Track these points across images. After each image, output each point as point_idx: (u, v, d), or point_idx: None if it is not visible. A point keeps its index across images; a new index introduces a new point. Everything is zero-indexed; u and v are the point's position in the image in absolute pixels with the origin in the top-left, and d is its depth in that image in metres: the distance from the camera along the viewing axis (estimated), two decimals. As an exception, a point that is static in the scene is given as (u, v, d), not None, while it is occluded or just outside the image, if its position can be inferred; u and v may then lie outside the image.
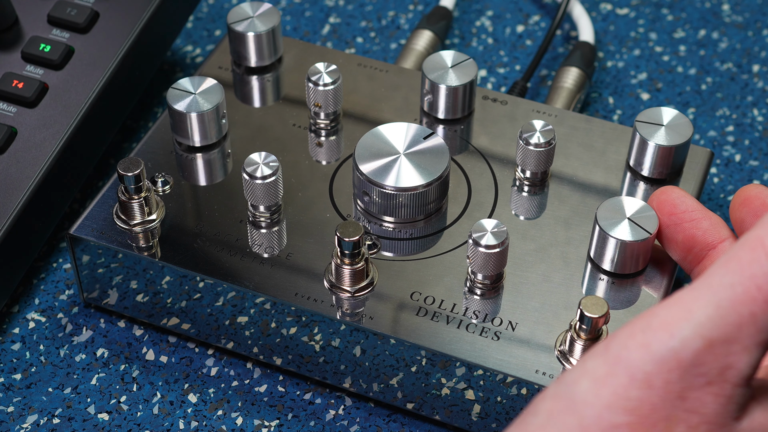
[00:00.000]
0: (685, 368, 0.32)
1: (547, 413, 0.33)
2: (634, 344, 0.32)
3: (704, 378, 0.32)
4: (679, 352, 0.32)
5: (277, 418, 0.49)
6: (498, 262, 0.47)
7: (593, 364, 0.33)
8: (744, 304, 0.32)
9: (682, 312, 0.32)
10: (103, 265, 0.50)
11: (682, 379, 0.32)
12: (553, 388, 0.34)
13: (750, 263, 0.32)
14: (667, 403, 0.32)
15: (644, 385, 0.32)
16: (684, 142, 0.51)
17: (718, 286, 0.32)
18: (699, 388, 0.32)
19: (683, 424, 0.32)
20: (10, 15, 0.57)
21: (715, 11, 0.68)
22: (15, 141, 0.53)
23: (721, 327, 0.32)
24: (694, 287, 0.33)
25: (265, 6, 0.57)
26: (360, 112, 0.56)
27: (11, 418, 0.49)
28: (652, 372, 0.32)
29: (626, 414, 0.32)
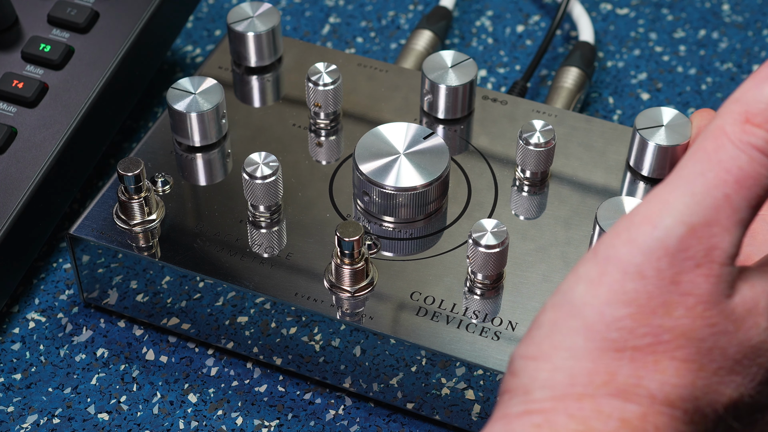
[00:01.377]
0: (672, 254, 0.33)
1: (550, 323, 0.35)
2: (620, 242, 0.34)
3: (692, 261, 0.34)
4: (665, 240, 0.33)
5: (277, 418, 0.49)
6: (498, 262, 0.47)
7: (585, 269, 0.35)
8: (717, 187, 0.34)
9: (660, 204, 0.34)
10: (103, 265, 0.50)
11: (671, 266, 0.33)
12: (551, 300, 0.35)
13: (716, 150, 0.34)
14: (662, 290, 0.34)
15: (637, 276, 0.34)
16: (684, 142, 0.51)
17: (690, 176, 0.34)
18: (689, 271, 0.34)
19: (681, 307, 0.34)
20: (10, 15, 0.57)
21: (715, 11, 0.68)
22: (15, 141, 0.53)
23: (699, 212, 0.33)
24: (668, 181, 0.35)
25: (265, 6, 0.57)
26: (360, 112, 0.56)
27: (11, 418, 0.49)
28: (642, 263, 0.34)
29: (626, 306, 0.34)
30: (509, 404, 0.34)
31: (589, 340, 0.34)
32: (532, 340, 0.35)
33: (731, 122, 0.34)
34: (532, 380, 0.34)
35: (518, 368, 0.35)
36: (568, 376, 0.34)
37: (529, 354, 0.35)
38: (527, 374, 0.34)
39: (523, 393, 0.34)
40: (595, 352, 0.34)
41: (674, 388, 0.34)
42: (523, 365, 0.35)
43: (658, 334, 0.34)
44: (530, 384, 0.34)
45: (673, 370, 0.34)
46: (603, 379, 0.34)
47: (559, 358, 0.34)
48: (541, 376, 0.34)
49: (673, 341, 0.34)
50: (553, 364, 0.34)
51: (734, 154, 0.34)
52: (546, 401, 0.34)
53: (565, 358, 0.34)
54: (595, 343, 0.34)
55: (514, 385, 0.35)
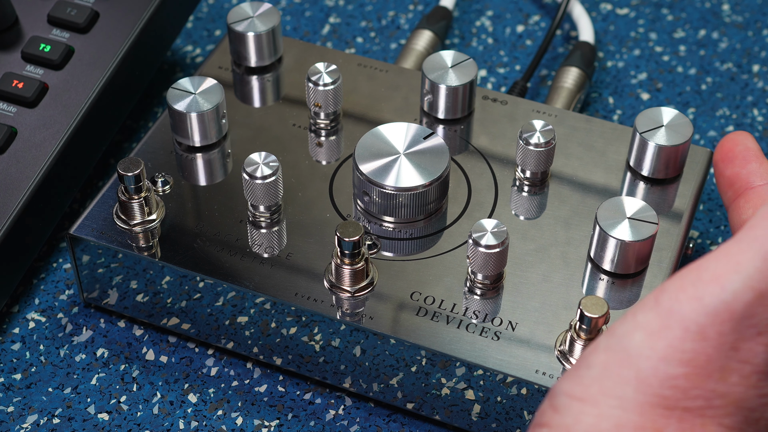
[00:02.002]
0: (737, 320, 0.33)
1: (602, 366, 0.34)
2: (686, 297, 0.33)
3: (755, 329, 0.33)
4: (731, 304, 0.33)
5: (277, 418, 0.49)
6: (498, 262, 0.47)
7: (645, 317, 0.34)
8: None
9: (730, 264, 0.33)
10: (103, 265, 0.50)
11: (734, 331, 0.33)
12: (604, 341, 0.34)
13: None
14: (721, 354, 0.33)
15: (699, 337, 0.33)
16: (684, 142, 0.51)
17: (764, 238, 0.33)
18: (751, 338, 0.33)
19: (736, 374, 0.33)
20: (10, 15, 0.57)
21: (715, 11, 0.68)
22: (15, 141, 0.53)
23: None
24: (740, 239, 0.34)
25: (265, 6, 0.57)
26: (360, 112, 0.56)
27: (11, 418, 0.49)
28: (705, 324, 0.33)
29: (682, 365, 0.33)
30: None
31: (641, 392, 0.33)
32: (580, 380, 0.34)
33: None
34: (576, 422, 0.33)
35: (562, 406, 0.34)
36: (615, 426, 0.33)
37: (575, 394, 0.34)
38: (571, 415, 0.34)
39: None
40: (644, 406, 0.33)
41: None
42: (568, 404, 0.34)
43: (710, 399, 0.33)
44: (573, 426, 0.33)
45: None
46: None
47: (607, 405, 0.33)
48: (586, 420, 0.33)
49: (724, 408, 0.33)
50: (600, 411, 0.33)
51: None
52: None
53: (613, 407, 0.33)
54: (646, 397, 0.33)
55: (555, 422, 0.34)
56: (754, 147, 0.49)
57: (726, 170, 0.48)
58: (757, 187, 0.47)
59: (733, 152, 0.49)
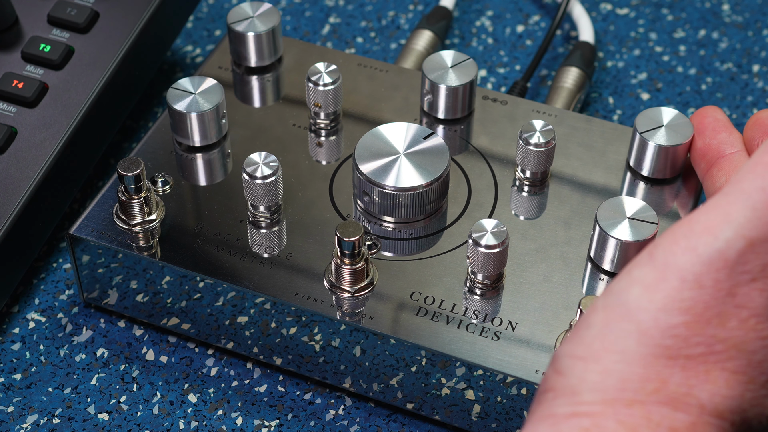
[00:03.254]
0: (731, 267, 0.33)
1: (602, 323, 0.34)
2: (680, 249, 0.34)
3: (749, 275, 0.33)
4: (725, 252, 0.33)
5: (277, 418, 0.49)
6: (498, 262, 0.47)
7: (641, 272, 0.34)
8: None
9: (721, 216, 0.34)
10: (103, 265, 0.50)
11: (729, 278, 0.33)
12: (602, 300, 0.35)
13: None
14: (718, 301, 0.34)
15: (695, 285, 0.34)
16: (684, 142, 0.51)
17: (751, 190, 0.34)
18: (746, 284, 0.34)
19: (734, 319, 0.34)
20: (10, 15, 0.57)
21: (715, 11, 0.68)
22: (15, 141, 0.53)
23: (759, 227, 0.33)
24: (728, 192, 0.34)
25: (265, 6, 0.57)
26: (360, 112, 0.56)
27: (11, 418, 0.49)
28: (701, 273, 0.34)
29: (681, 314, 0.33)
30: (554, 404, 0.34)
31: (642, 344, 0.33)
32: (581, 339, 0.34)
33: None
34: (581, 381, 0.34)
35: (565, 367, 0.34)
36: (619, 380, 0.33)
37: (577, 354, 0.34)
38: (575, 374, 0.34)
39: (570, 394, 0.34)
40: (647, 358, 0.33)
41: (724, 399, 0.33)
42: (571, 365, 0.34)
43: (711, 344, 0.33)
44: (578, 385, 0.34)
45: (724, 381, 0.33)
46: (654, 386, 0.33)
47: (610, 360, 0.34)
48: (590, 378, 0.34)
49: (725, 352, 0.33)
50: (604, 367, 0.33)
51: None
52: (595, 404, 0.33)
53: (616, 362, 0.33)
54: (648, 348, 0.33)
55: (560, 385, 0.34)
56: (722, 118, 0.50)
57: (697, 143, 0.50)
58: (728, 155, 0.49)
59: (703, 125, 0.50)
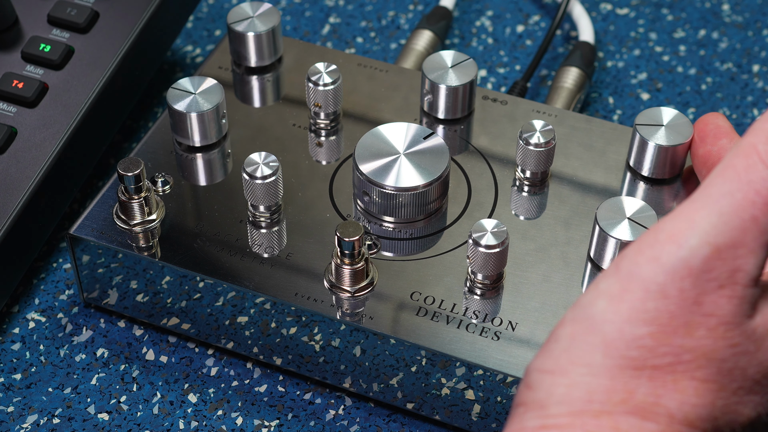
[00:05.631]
0: (696, 275, 0.33)
1: (569, 337, 0.34)
2: (644, 259, 0.34)
3: (716, 282, 0.33)
4: (689, 261, 0.33)
5: (277, 418, 0.49)
6: (498, 262, 0.47)
7: (606, 284, 0.34)
8: (745, 209, 0.33)
9: (686, 223, 0.34)
10: (103, 265, 0.50)
11: (695, 286, 0.33)
12: (570, 314, 0.35)
13: (746, 170, 0.33)
14: (684, 310, 0.33)
15: (660, 295, 0.33)
16: (684, 142, 0.51)
17: (718, 195, 0.34)
18: (712, 291, 0.33)
19: (702, 327, 0.33)
20: (10, 15, 0.57)
21: (715, 11, 0.68)
22: (15, 141, 0.53)
23: (725, 233, 0.33)
24: (695, 199, 0.34)
25: (265, 6, 0.57)
26: (360, 112, 0.56)
27: (11, 418, 0.49)
28: (665, 282, 0.33)
29: (646, 325, 0.33)
30: (524, 417, 0.34)
31: (608, 357, 0.34)
32: (549, 353, 0.35)
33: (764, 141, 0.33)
34: (549, 395, 0.34)
35: (534, 382, 0.34)
36: (586, 393, 0.33)
37: (545, 368, 0.34)
38: (543, 388, 0.34)
39: (539, 407, 0.34)
40: (613, 370, 0.33)
41: (693, 407, 0.33)
42: (540, 379, 0.34)
43: (678, 354, 0.33)
44: (546, 399, 0.34)
45: (693, 389, 0.33)
46: (621, 397, 0.33)
47: (577, 373, 0.34)
48: (557, 391, 0.34)
49: (694, 361, 0.33)
50: (571, 380, 0.34)
51: (765, 175, 0.33)
52: (563, 417, 0.33)
53: (582, 374, 0.34)
54: (613, 360, 0.33)
55: (530, 399, 0.34)
56: (725, 125, 0.50)
57: (698, 150, 0.50)
58: None
59: (704, 132, 0.50)
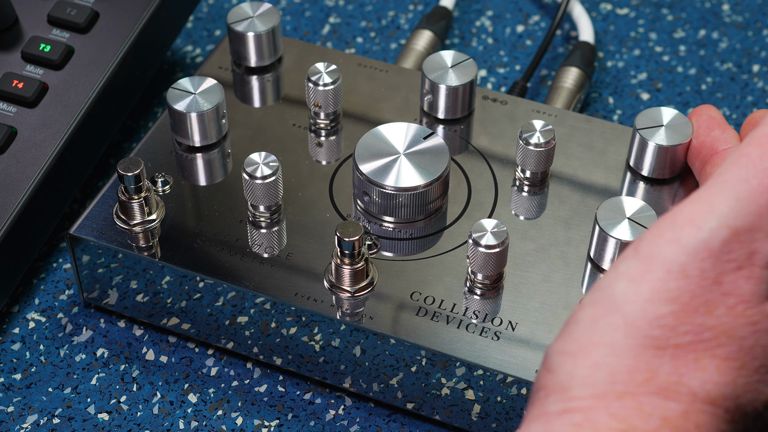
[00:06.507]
0: (716, 256, 0.34)
1: (589, 318, 0.35)
2: (664, 241, 0.34)
3: (735, 263, 0.34)
4: (709, 242, 0.34)
5: (277, 418, 0.49)
6: (498, 262, 0.47)
7: (626, 265, 0.35)
8: (761, 194, 0.34)
9: (705, 206, 0.34)
10: (103, 265, 0.50)
11: (714, 267, 0.34)
12: (589, 296, 0.35)
13: (760, 158, 0.34)
14: (704, 290, 0.34)
15: (681, 275, 0.34)
16: (684, 142, 0.51)
17: (735, 181, 0.34)
18: (731, 272, 0.34)
19: (722, 306, 0.34)
20: (10, 15, 0.57)
21: (715, 11, 0.68)
22: (15, 141, 0.53)
23: (743, 217, 0.34)
24: (711, 184, 0.35)
25: (265, 6, 0.57)
26: (360, 112, 0.56)
27: (11, 418, 0.49)
28: (686, 263, 0.34)
29: (668, 304, 0.34)
30: (546, 402, 0.34)
31: (630, 336, 0.34)
32: (570, 335, 0.35)
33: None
34: (571, 377, 0.34)
35: (555, 364, 0.34)
36: (609, 374, 0.33)
37: (566, 350, 0.34)
38: (565, 371, 0.34)
39: (561, 390, 0.34)
40: (636, 349, 0.34)
41: (715, 386, 0.34)
42: (561, 361, 0.34)
43: (699, 332, 0.34)
44: (568, 381, 0.34)
45: (714, 368, 0.34)
46: (644, 377, 0.33)
47: (599, 354, 0.34)
48: (580, 373, 0.34)
49: (714, 339, 0.34)
50: (593, 361, 0.34)
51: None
52: (586, 399, 0.33)
53: (605, 355, 0.34)
54: (636, 340, 0.34)
55: (551, 382, 0.34)
56: (717, 116, 0.50)
57: (692, 141, 0.50)
58: (721, 151, 0.49)
59: (698, 124, 0.50)
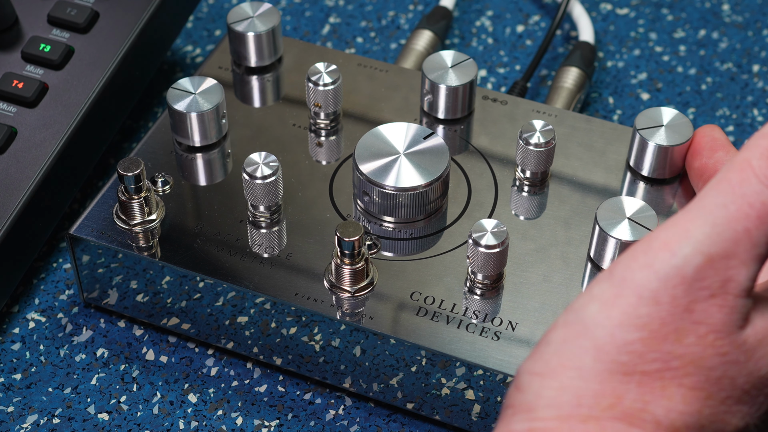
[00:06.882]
0: (688, 283, 0.34)
1: (560, 340, 0.35)
2: (638, 265, 0.34)
3: (707, 291, 0.34)
4: (682, 269, 0.34)
5: (277, 418, 0.49)
6: (498, 262, 0.47)
7: (599, 288, 0.35)
8: (738, 221, 0.34)
9: (680, 232, 0.34)
10: (103, 265, 0.50)
11: (687, 294, 0.34)
12: (562, 318, 0.35)
13: (740, 183, 0.34)
14: (675, 317, 0.34)
15: (652, 302, 0.34)
16: (684, 142, 0.51)
17: (713, 206, 0.34)
18: (703, 300, 0.34)
19: (692, 335, 0.34)
20: (10, 15, 0.57)
21: (715, 11, 0.68)
22: (15, 141, 0.53)
23: (718, 243, 0.34)
24: (689, 209, 0.34)
25: (265, 6, 0.57)
26: (360, 112, 0.56)
27: (11, 418, 0.49)
28: (658, 289, 0.34)
29: (638, 330, 0.34)
30: (512, 420, 0.34)
31: (598, 361, 0.34)
32: (540, 356, 0.35)
33: (758, 156, 0.34)
34: (537, 397, 0.34)
35: (524, 384, 0.35)
36: (575, 396, 0.33)
37: (535, 370, 0.34)
38: (533, 391, 0.34)
39: (527, 410, 0.34)
40: (603, 374, 0.34)
41: (680, 415, 0.33)
42: (529, 381, 0.34)
43: (667, 360, 0.34)
44: (535, 401, 0.34)
45: (680, 397, 0.33)
46: (609, 402, 0.33)
47: (567, 377, 0.34)
48: (546, 394, 0.34)
49: (682, 368, 0.34)
50: (560, 383, 0.34)
51: (758, 189, 0.34)
52: (550, 420, 0.33)
53: (572, 378, 0.34)
54: (603, 364, 0.34)
55: (519, 401, 0.34)
56: (721, 137, 0.50)
57: (694, 162, 0.50)
58: None
59: (700, 145, 0.50)
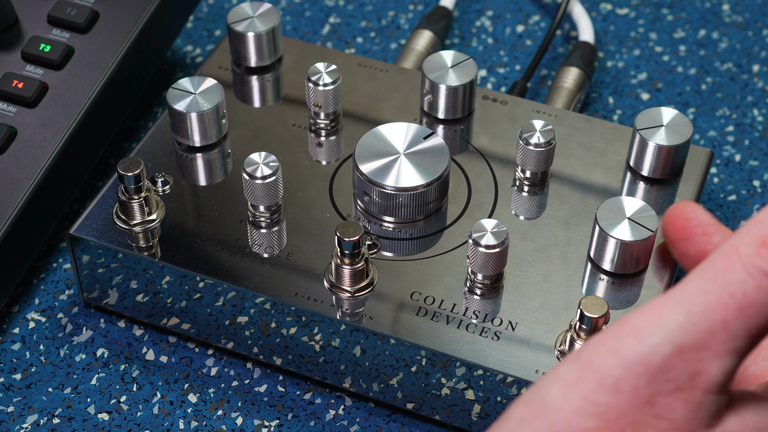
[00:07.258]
0: (653, 374, 0.32)
1: (519, 418, 0.34)
2: (604, 349, 0.33)
3: (673, 384, 0.32)
4: (648, 358, 0.32)
5: (277, 418, 0.49)
6: (498, 262, 0.47)
7: (565, 369, 0.34)
8: (716, 311, 0.32)
9: (652, 318, 0.33)
10: (103, 265, 0.50)
11: (650, 385, 0.32)
12: (526, 394, 0.34)
13: (724, 271, 0.32)
14: (635, 409, 0.32)
15: (613, 390, 0.32)
16: (684, 142, 0.51)
17: (692, 293, 0.32)
18: (668, 393, 0.32)
19: (651, 429, 0.32)
20: (10, 15, 0.57)
21: (715, 11, 0.68)
22: (15, 141, 0.53)
23: (691, 333, 0.32)
24: (668, 294, 0.33)
25: (265, 6, 0.57)
26: (360, 112, 0.56)
27: (11, 418, 0.49)
28: (620, 377, 0.32)
29: (594, 419, 0.32)
30: None
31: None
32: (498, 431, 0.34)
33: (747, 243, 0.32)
34: None
35: None
36: None
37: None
38: None
39: None
40: None
41: None
42: None
43: None
44: None
45: None
46: None
47: None
48: None
49: None
50: None
51: (742, 278, 0.32)
52: None
53: None
54: None
55: None
56: (707, 219, 0.46)
57: (689, 250, 0.46)
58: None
59: (689, 230, 0.46)
